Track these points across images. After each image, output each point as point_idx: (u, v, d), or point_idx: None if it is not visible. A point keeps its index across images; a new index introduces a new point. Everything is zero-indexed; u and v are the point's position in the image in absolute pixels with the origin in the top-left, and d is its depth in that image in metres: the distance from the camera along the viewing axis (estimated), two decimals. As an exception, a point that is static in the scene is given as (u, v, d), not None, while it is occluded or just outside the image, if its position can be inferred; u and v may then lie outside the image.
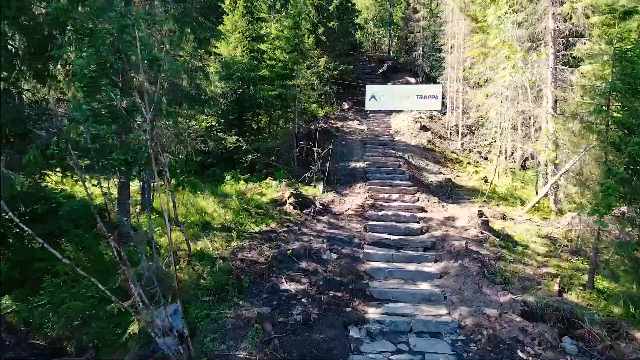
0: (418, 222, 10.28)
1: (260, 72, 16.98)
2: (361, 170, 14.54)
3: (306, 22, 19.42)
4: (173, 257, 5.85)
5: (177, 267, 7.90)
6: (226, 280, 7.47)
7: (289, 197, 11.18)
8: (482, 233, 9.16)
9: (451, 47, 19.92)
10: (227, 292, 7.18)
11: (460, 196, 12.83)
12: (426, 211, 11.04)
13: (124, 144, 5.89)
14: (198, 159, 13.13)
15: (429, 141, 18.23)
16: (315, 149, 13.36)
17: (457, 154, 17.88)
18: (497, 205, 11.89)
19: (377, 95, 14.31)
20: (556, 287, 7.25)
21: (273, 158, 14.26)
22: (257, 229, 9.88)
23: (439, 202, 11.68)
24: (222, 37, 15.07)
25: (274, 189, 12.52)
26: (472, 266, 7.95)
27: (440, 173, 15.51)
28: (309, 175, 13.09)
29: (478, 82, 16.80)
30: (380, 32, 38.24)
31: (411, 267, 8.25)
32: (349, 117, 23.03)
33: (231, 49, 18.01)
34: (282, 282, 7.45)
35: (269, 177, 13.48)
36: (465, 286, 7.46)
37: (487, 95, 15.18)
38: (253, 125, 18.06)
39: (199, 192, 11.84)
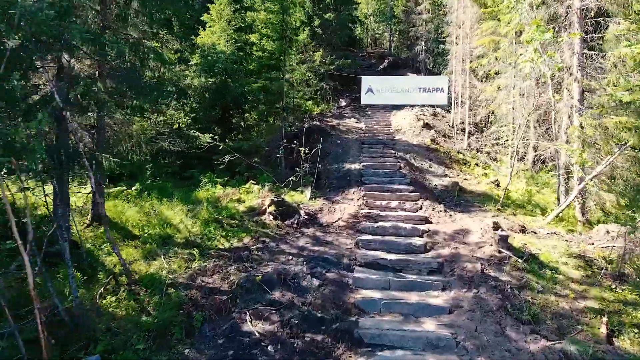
0: (421, 237, 8.52)
1: (249, 65, 15.30)
2: (356, 173, 12.78)
3: (298, 10, 17.66)
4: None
5: (115, 298, 6.19)
6: (174, 317, 5.74)
7: (269, 205, 9.44)
8: (500, 252, 7.39)
9: (456, 38, 18.13)
10: (171, 336, 5.46)
11: (470, 203, 11.05)
12: (430, 222, 9.27)
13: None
14: (166, 161, 11.43)
15: (433, 140, 16.46)
16: (302, 149, 11.58)
17: (463, 155, 16.09)
18: (514, 215, 10.11)
19: (375, 88, 12.54)
20: (603, 330, 5.49)
21: (256, 159, 12.52)
22: (227, 245, 8.15)
23: (445, 211, 9.91)
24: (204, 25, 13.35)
25: (254, 195, 10.79)
26: (490, 298, 6.18)
27: (446, 176, 13.74)
28: (293, 179, 11.33)
29: (487, 74, 15.02)
30: (381, 27, 36.45)
31: (413, 297, 6.49)
32: (346, 115, 21.28)
33: (215, 39, 16.32)
34: (246, 321, 5.71)
35: (251, 181, 11.75)
36: (482, 326, 5.69)
37: (499, 89, 13.39)
38: (242, 124, 16.37)
39: (166, 199, 10.13)
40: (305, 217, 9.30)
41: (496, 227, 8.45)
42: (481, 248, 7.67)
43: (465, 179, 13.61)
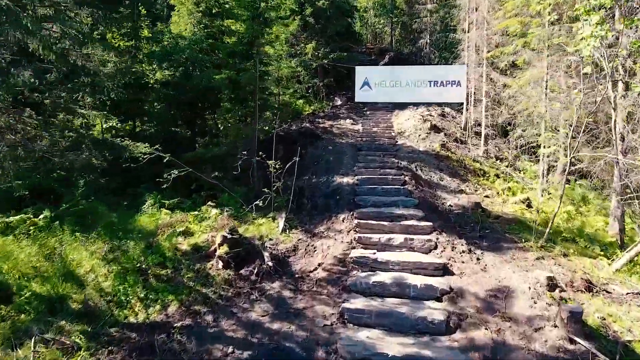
0: (439, 300, 5.57)
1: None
2: (349, 190, 9.83)
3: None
4: None
5: None
6: None
7: (219, 245, 6.51)
8: (572, 341, 4.44)
9: (469, 25, 15.12)
10: None
11: (499, 234, 8.08)
12: (451, 272, 6.31)
13: None
14: (105, 175, 8.56)
15: (443, 146, 13.48)
16: (271, 163, 8.65)
17: (480, 164, 13.10)
18: (565, 255, 7.13)
19: (373, 81, 9.64)
20: None
21: (216, 174, 9.58)
22: (141, 317, 5.23)
23: (470, 251, 6.95)
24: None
25: (209, 224, 7.86)
26: None
27: (462, 192, 10.78)
28: (260, 203, 8.36)
29: (513, 65, 12.02)
30: (381, 21, 33.39)
31: None
32: (341, 115, 18.32)
33: (183, 25, 13.40)
34: None
35: (210, 203, 8.82)
36: None
37: (529, 83, 10.41)
38: (215, 126, 13.44)
39: (83, 233, 7.21)
40: (271, 263, 6.36)
41: (553, 285, 5.51)
42: (539, 331, 4.70)
43: (486, 196, 10.63)
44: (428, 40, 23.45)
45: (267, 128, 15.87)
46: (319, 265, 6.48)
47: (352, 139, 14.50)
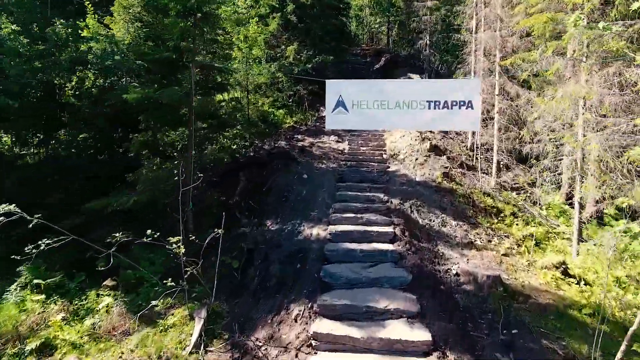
0: None
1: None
2: (316, 251, 7.02)
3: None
4: None
5: None
6: None
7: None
8: None
9: (478, 23, 12.24)
10: None
11: (533, 338, 5.25)
12: None
13: None
14: None
15: (445, 174, 10.62)
16: (179, 239, 5.78)
17: (492, 198, 10.24)
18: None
19: (349, 100, 6.79)
20: None
21: (121, 236, 6.71)
22: None
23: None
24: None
25: (88, 327, 5.05)
26: None
27: (471, 244, 7.96)
28: (183, 285, 5.49)
29: (535, 75, 9.14)
30: (378, 20, 30.45)
31: None
32: (326, 130, 15.46)
33: (118, 25, 10.55)
34: None
35: (108, 282, 5.99)
36: None
37: (562, 96, 7.55)
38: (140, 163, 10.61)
39: None
40: None
41: None
42: None
43: (504, 255, 7.77)
44: (428, 41, 20.55)
45: (235, 146, 13.09)
46: None
47: (335, 163, 11.67)
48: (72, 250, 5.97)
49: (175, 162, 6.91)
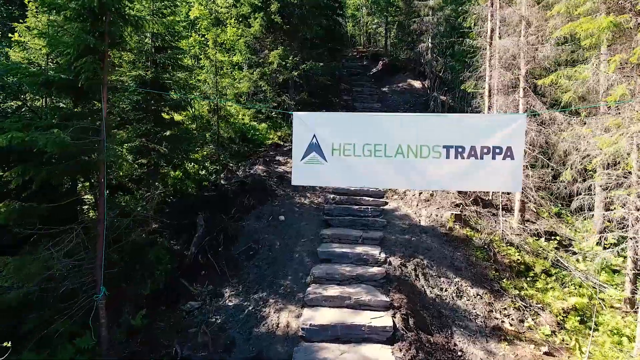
0: None
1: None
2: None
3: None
4: None
5: None
6: None
7: None
8: None
9: (493, 26, 9.92)
10: None
11: None
12: None
13: None
14: None
15: (457, 216, 8.33)
16: None
17: (517, 248, 7.96)
18: None
19: (329, 142, 4.48)
20: None
21: None
22: None
23: None
24: None
25: None
26: None
27: (499, 332, 5.73)
28: None
29: (583, 99, 6.84)
30: (375, 20, 28.04)
31: None
32: (313, 149, 13.16)
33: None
34: None
35: None
36: None
37: (618, 127, 5.28)
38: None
39: None
40: None
41: None
42: None
43: (547, 355, 5.51)
44: (430, 45, 18.23)
45: (205, 171, 10.80)
46: None
47: (320, 197, 9.40)
48: None
49: (73, 235, 4.61)
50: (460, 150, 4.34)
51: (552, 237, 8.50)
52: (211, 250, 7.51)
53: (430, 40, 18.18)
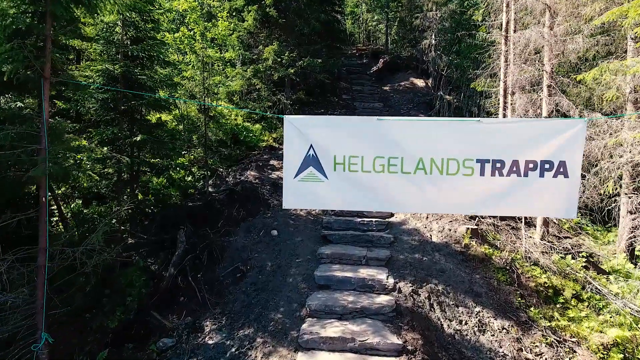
0: None
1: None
2: None
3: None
4: None
5: None
6: None
7: None
8: None
9: (508, 18, 8.87)
10: None
11: None
12: None
13: None
14: None
15: (473, 230, 7.29)
16: None
17: (543, 269, 6.93)
18: None
19: (330, 154, 3.49)
20: None
21: None
22: None
23: None
24: None
25: None
26: None
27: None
28: None
29: (635, 102, 5.82)
30: (375, 17, 26.95)
31: None
32: (311, 153, 12.12)
33: None
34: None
35: None
36: None
37: None
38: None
39: None
40: None
41: None
42: None
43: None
44: (433, 42, 17.17)
45: (191, 177, 9.76)
46: None
47: (319, 208, 8.33)
48: None
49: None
50: (498, 165, 3.30)
51: (579, 253, 7.50)
52: (192, 272, 6.48)
53: (433, 36, 17.10)
